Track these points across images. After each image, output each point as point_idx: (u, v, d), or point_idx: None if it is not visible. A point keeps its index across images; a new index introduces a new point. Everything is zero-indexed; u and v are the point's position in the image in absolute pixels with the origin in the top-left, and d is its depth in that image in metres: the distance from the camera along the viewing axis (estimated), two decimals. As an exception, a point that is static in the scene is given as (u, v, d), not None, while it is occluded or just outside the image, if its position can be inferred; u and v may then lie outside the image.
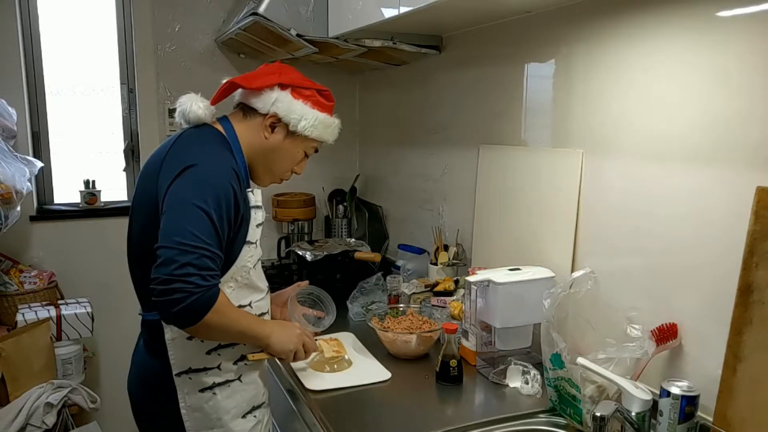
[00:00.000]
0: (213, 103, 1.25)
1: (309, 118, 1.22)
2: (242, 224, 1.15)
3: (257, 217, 1.20)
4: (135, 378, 1.28)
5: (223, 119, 1.26)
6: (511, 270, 1.42)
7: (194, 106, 1.21)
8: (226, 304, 1.10)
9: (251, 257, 1.19)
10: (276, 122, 1.22)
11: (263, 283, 1.29)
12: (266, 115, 1.22)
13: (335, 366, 1.43)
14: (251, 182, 1.29)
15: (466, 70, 1.86)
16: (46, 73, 2.37)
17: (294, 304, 1.46)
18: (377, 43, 1.81)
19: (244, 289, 1.21)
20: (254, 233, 1.19)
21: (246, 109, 1.25)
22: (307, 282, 1.53)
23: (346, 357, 1.48)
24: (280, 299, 1.48)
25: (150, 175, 1.16)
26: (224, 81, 1.24)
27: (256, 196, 1.20)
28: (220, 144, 1.19)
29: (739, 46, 1.02)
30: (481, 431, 1.18)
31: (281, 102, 1.21)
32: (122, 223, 2.51)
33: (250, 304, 1.22)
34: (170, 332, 1.17)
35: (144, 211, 1.16)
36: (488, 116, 1.77)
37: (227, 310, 1.09)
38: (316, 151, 1.32)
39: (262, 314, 1.27)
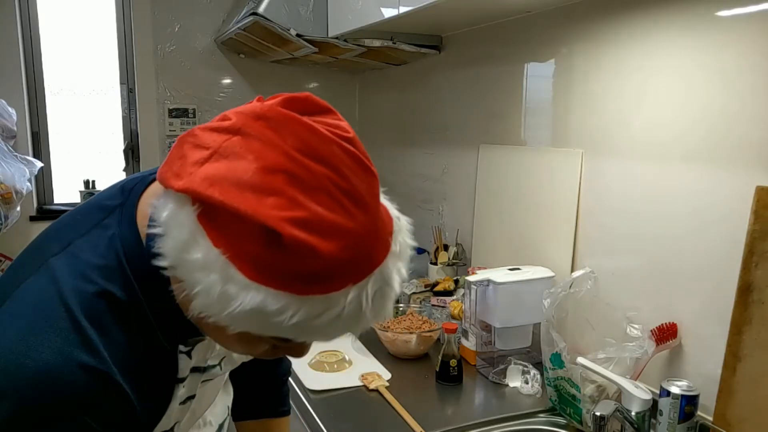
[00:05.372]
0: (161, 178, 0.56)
1: (210, 295, 0.52)
2: (143, 417, 0.61)
3: (183, 391, 0.67)
4: None
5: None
6: (510, 270, 1.42)
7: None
8: None
9: None
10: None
11: None
12: None
13: (335, 366, 1.43)
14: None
15: (465, 70, 1.86)
16: (46, 74, 2.37)
17: None
18: (377, 43, 1.81)
19: None
20: (167, 420, 0.67)
21: None
22: None
23: (346, 357, 1.48)
24: None
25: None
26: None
27: (194, 357, 0.67)
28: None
29: (739, 46, 1.02)
30: (481, 431, 1.18)
31: (175, 232, 0.53)
32: (122, 223, 2.50)
33: None
34: None
35: None
36: (488, 116, 1.77)
37: None
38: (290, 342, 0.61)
39: None
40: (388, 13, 1.54)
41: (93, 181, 2.46)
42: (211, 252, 0.51)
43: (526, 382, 1.32)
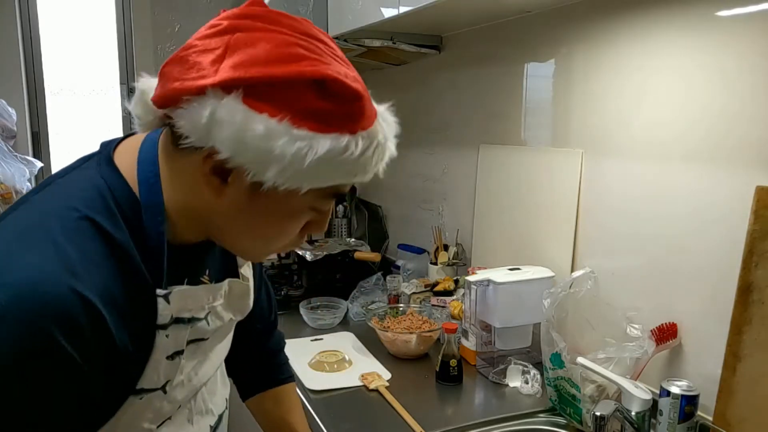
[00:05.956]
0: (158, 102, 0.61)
1: (286, 158, 0.56)
2: (124, 361, 0.60)
3: (168, 342, 0.64)
4: None
5: (149, 145, 0.65)
6: (510, 270, 1.42)
7: (135, 106, 0.66)
8: None
9: (147, 415, 0.66)
10: (223, 166, 0.59)
11: None
12: (202, 149, 0.58)
13: (335, 366, 1.43)
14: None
15: (465, 69, 1.86)
16: (46, 74, 2.37)
17: None
18: (377, 43, 1.81)
19: None
20: (154, 375, 0.64)
21: (174, 134, 0.60)
22: None
23: (346, 357, 1.48)
24: None
25: None
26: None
27: (173, 303, 0.64)
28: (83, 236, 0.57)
29: (739, 46, 1.02)
30: (481, 431, 1.18)
31: (226, 122, 0.56)
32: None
33: None
34: None
35: None
36: (488, 116, 1.77)
37: None
38: (341, 198, 0.67)
39: None
40: (388, 13, 1.54)
41: (93, 181, 2.46)
42: (270, 122, 0.56)
43: (526, 382, 1.32)
